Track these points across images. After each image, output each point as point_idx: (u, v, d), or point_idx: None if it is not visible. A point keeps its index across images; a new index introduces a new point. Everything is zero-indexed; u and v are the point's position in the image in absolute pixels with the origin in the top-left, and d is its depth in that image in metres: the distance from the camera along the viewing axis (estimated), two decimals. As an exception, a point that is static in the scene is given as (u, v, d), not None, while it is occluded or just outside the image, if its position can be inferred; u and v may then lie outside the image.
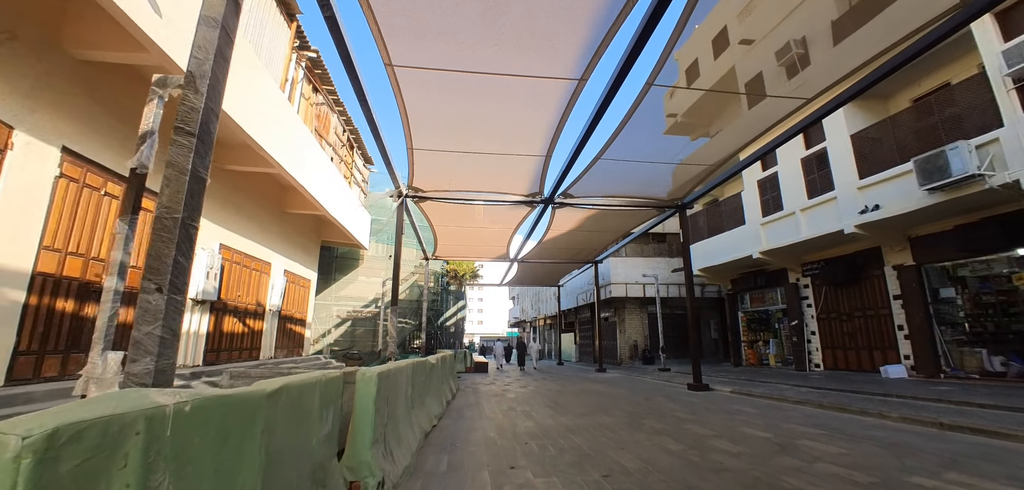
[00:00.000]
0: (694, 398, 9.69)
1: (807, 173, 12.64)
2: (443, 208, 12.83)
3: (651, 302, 22.71)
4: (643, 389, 11.69)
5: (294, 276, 13.91)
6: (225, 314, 10.01)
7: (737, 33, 16.42)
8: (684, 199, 12.48)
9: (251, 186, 11.01)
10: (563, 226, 14.42)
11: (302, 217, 14.12)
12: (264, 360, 11.45)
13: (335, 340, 19.11)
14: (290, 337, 13.84)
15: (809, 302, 13.79)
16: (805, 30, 10.65)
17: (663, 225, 22.57)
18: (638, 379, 14.92)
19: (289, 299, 13.66)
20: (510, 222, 13.99)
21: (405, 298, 20.96)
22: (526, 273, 23.78)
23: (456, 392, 10.78)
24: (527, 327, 46.69)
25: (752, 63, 11.99)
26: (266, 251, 11.94)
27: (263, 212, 11.71)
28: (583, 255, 19.28)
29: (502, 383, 13.79)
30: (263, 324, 11.86)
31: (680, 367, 18.15)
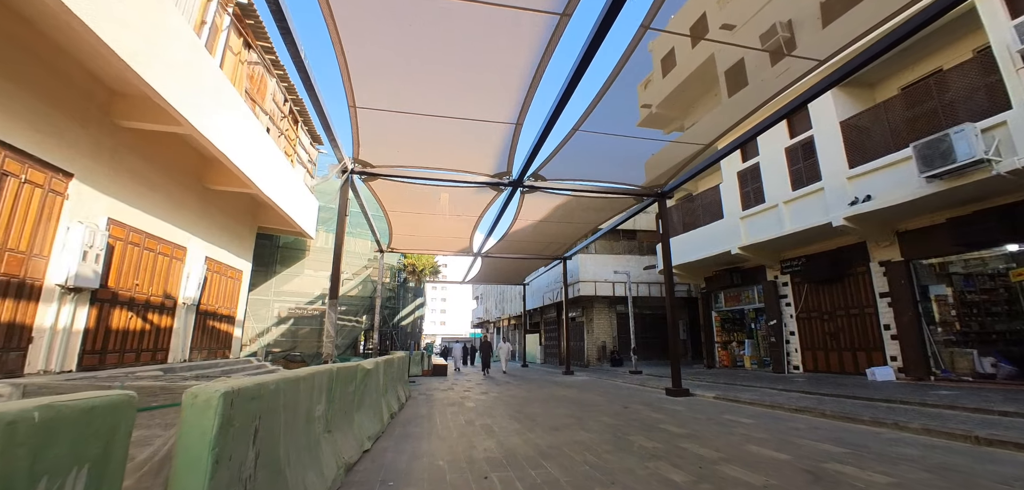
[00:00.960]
0: (677, 405, 8.59)
1: (792, 163, 11.93)
2: (398, 191, 11.26)
3: (621, 301, 21.84)
4: (618, 395, 10.54)
5: (219, 265, 11.92)
6: (114, 307, 8.05)
7: (717, 19, 15.46)
8: (665, 187, 11.46)
9: (158, 151, 9.06)
10: (532, 215, 13.13)
11: (230, 196, 12.14)
12: (173, 364, 9.49)
13: (275, 340, 17.03)
14: (214, 336, 11.83)
15: (788, 301, 13.13)
16: (792, 13, 9.79)
17: (634, 221, 21.76)
18: (610, 382, 13.81)
19: (212, 291, 11.66)
20: (474, 210, 12.55)
21: (357, 294, 19.09)
22: (491, 270, 22.39)
23: (406, 401, 9.24)
24: (491, 327, 45.29)
25: (733, 49, 11.09)
26: (179, 232, 9.97)
27: (175, 185, 9.75)
28: (551, 250, 18.10)
29: (461, 388, 12.32)
30: (173, 320, 9.88)
31: (652, 369, 17.25)
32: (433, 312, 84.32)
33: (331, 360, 8.78)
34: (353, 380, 4.84)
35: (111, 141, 7.86)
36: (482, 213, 12.76)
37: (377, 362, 6.19)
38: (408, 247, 17.06)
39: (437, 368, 17.84)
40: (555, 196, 11.83)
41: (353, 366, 4.91)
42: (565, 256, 18.97)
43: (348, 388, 4.63)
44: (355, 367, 4.99)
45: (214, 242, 11.57)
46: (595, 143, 9.74)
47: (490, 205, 12.15)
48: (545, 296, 25.89)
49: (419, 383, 14.08)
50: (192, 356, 10.69)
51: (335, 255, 9.32)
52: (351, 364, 4.89)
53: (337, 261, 9.27)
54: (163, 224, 9.40)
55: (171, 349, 9.81)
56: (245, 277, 13.61)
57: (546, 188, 10.84)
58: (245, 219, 13.48)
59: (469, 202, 12.01)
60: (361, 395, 5.14)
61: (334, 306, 8.96)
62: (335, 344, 18.20)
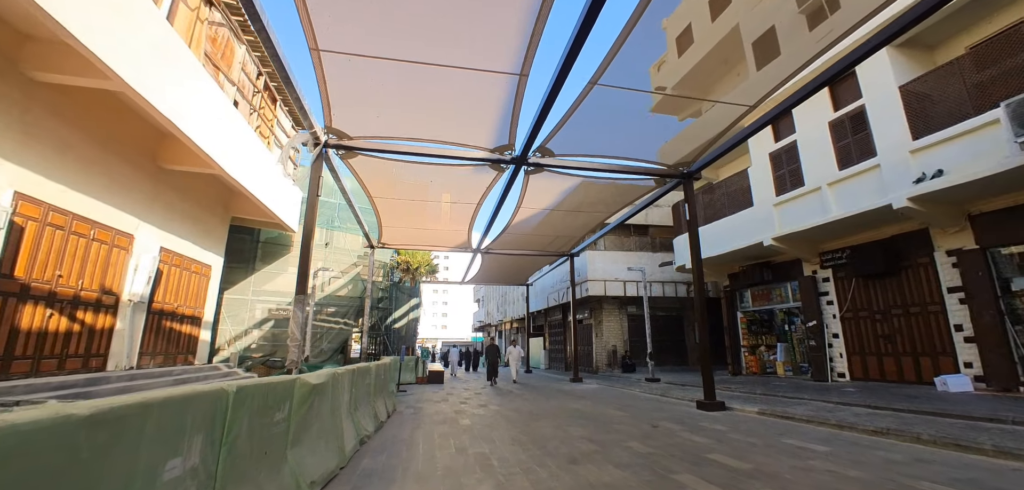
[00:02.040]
0: (717, 424, 7.01)
1: (838, 138, 10.34)
2: (383, 172, 9.75)
3: (633, 302, 20.24)
4: (640, 408, 8.95)
5: (179, 258, 10.40)
6: (23, 302, 6.52)
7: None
8: (691, 167, 9.91)
9: (90, 116, 7.56)
10: (537, 202, 11.58)
11: (193, 180, 10.64)
12: (110, 373, 7.96)
13: (255, 344, 15.50)
14: (173, 339, 10.30)
15: (830, 298, 11.51)
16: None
17: (645, 215, 20.21)
18: (625, 392, 12.22)
19: (170, 288, 10.14)
20: (471, 195, 11.02)
21: (346, 295, 17.56)
22: (492, 269, 20.83)
23: (387, 418, 7.68)
24: (493, 330, 43.69)
25: (761, 17, 9.56)
26: (123, 216, 8.46)
27: (118, 160, 8.25)
28: (557, 246, 16.54)
29: (457, 399, 10.75)
30: (115, 320, 8.35)
31: (669, 376, 15.64)
32: (433, 316, 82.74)
33: (298, 369, 7.24)
34: (284, 402, 3.29)
35: (21, 97, 6.36)
36: (481, 200, 11.22)
37: (336, 373, 4.63)
38: (401, 242, 15.52)
39: (433, 375, 16.28)
40: (563, 178, 10.29)
41: (285, 381, 3.36)
42: (572, 253, 17.40)
43: (273, 417, 3.08)
44: (290, 382, 3.45)
45: (173, 231, 10.07)
46: (611, 112, 8.25)
47: (490, 189, 10.62)
48: (550, 297, 24.30)
49: (410, 392, 12.52)
50: (142, 362, 9.16)
51: (303, 244, 7.79)
52: (283, 379, 3.34)
53: (305, 251, 7.73)
54: (100, 205, 7.89)
55: (111, 354, 8.28)
56: (215, 273, 12.10)
57: (554, 167, 9.30)
58: (214, 208, 11.97)
59: (466, 186, 10.48)
60: (302, 422, 3.59)
61: (302, 303, 7.43)
62: (321, 349, 16.72)
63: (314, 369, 8.04)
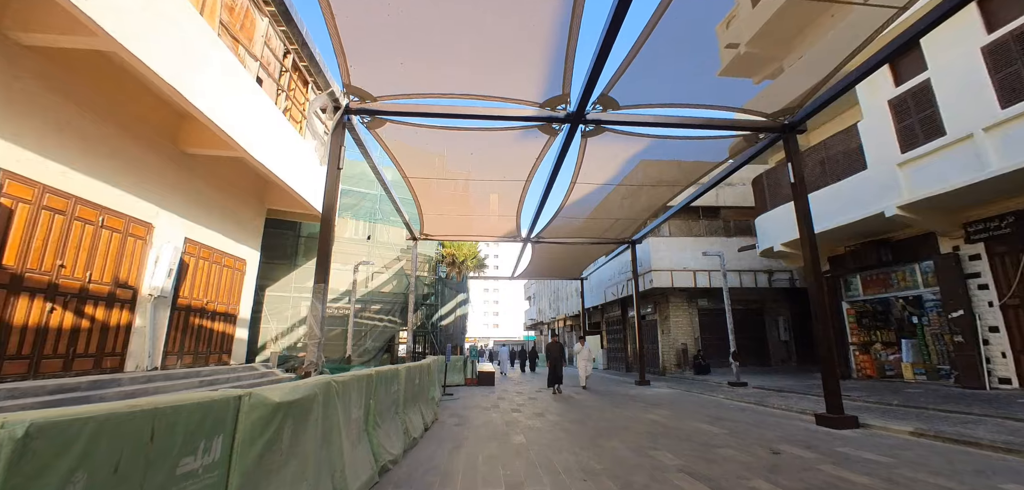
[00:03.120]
0: (866, 450, 5.04)
1: (996, 68, 7.83)
2: (416, 146, 8.49)
3: (704, 293, 17.90)
4: (738, 422, 7.04)
5: (208, 250, 9.68)
6: (15, 295, 5.75)
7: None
8: (794, 117, 7.85)
9: (88, 87, 6.79)
10: (595, 175, 9.87)
11: (222, 168, 9.92)
12: (123, 375, 7.18)
13: (300, 342, 14.89)
14: (203, 338, 9.60)
15: (983, 281, 8.91)
16: None
17: (715, 194, 17.84)
18: (709, 400, 10.23)
19: (199, 282, 9.43)
20: (519, 170, 9.51)
21: (391, 291, 16.65)
22: (543, 262, 19.24)
23: (426, 429, 6.34)
24: (545, 329, 42.09)
25: None
26: (139, 203, 7.71)
27: (130, 141, 7.50)
28: (616, 231, 14.68)
29: (509, 406, 9.28)
30: (132, 316, 7.61)
31: (755, 379, 13.34)
32: (484, 315, 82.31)
33: (315, 371, 6.05)
34: (212, 435, 1.92)
35: (5, 63, 5.59)
36: (530, 175, 9.68)
37: (334, 383, 3.26)
38: (444, 233, 14.32)
39: (483, 376, 14.97)
40: (627, 142, 8.54)
41: (209, 403, 1.99)
42: (633, 239, 15.46)
43: (176, 467, 1.71)
44: (224, 403, 2.08)
45: (200, 221, 9.34)
46: (690, 48, 6.56)
47: (540, 161, 9.06)
48: (607, 291, 22.33)
49: (457, 396, 11.22)
50: (167, 362, 8.43)
51: (323, 225, 6.62)
52: (205, 399, 1.97)
53: (325, 233, 6.55)
54: (111, 189, 7.13)
55: (130, 354, 7.54)
56: (250, 267, 11.40)
57: (617, 124, 7.59)
58: (247, 199, 11.27)
59: (512, 159, 8.99)
60: (260, 465, 2.22)
61: (320, 294, 6.24)
62: (365, 348, 15.90)
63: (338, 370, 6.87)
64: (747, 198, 18.31)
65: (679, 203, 13.26)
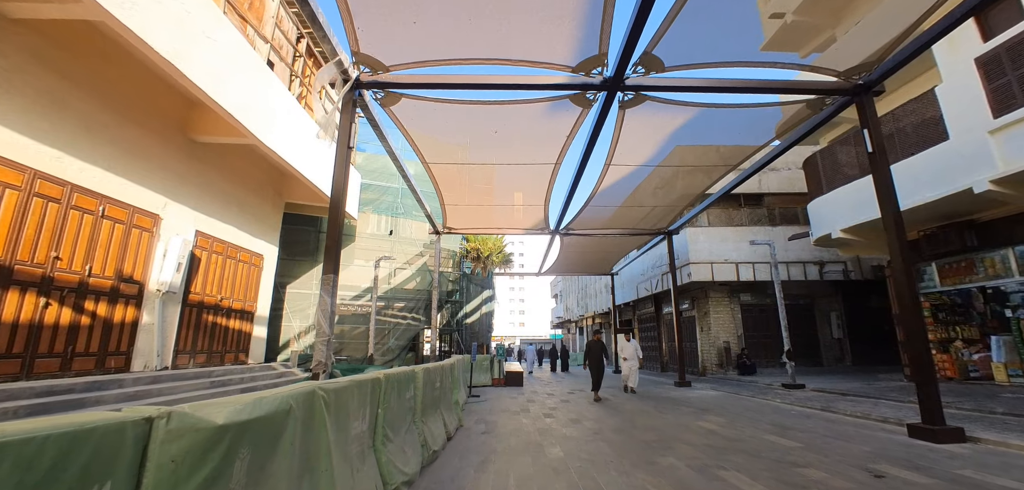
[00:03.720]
0: (994, 474, 3.99)
1: None
2: (434, 124, 7.77)
3: (747, 288, 16.61)
4: (811, 432, 5.99)
5: (222, 244, 9.23)
6: (4, 289, 5.29)
7: None
8: (870, 75, 6.72)
9: (86, 68, 6.33)
10: (632, 155, 8.93)
11: (235, 158, 9.46)
12: (127, 375, 6.71)
13: (321, 342, 14.46)
14: (218, 336, 9.16)
15: (1101, 267, 7.54)
16: None
17: (758, 181, 16.51)
18: (765, 404, 9.14)
19: (213, 278, 8.99)
20: (547, 151, 8.67)
21: (415, 287, 16.07)
22: (572, 257, 18.33)
23: (449, 438, 5.59)
24: (572, 327, 41.07)
25: None
26: (143, 193, 7.26)
27: (134, 127, 7.04)
28: (651, 221, 13.66)
29: (539, 410, 8.44)
30: (138, 312, 7.16)
31: (811, 381, 12.07)
32: (510, 314, 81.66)
33: (324, 373, 5.39)
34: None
35: (-7, 40, 5.14)
36: (560, 156, 8.81)
37: (340, 388, 2.51)
38: (468, 226, 13.62)
39: (511, 376, 14.18)
40: (670, 115, 7.59)
41: (80, 427, 1.26)
42: (669, 230, 14.38)
43: None
44: (106, 429, 1.35)
45: (213, 214, 8.90)
46: None
47: (571, 139, 8.19)
48: (639, 287, 21.19)
49: (484, 398, 10.47)
50: (178, 362, 7.98)
51: (331, 211, 5.97)
52: (75, 423, 1.24)
53: (334, 219, 5.89)
54: (113, 178, 6.68)
55: (137, 352, 7.09)
56: (268, 263, 10.96)
57: (661, 90, 6.66)
58: (264, 192, 10.82)
59: (540, 137, 8.15)
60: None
61: (330, 286, 5.58)
62: (388, 347, 15.35)
63: (353, 371, 6.21)
64: (793, 183, 16.91)
65: (719, 190, 12.16)
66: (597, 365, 10.39)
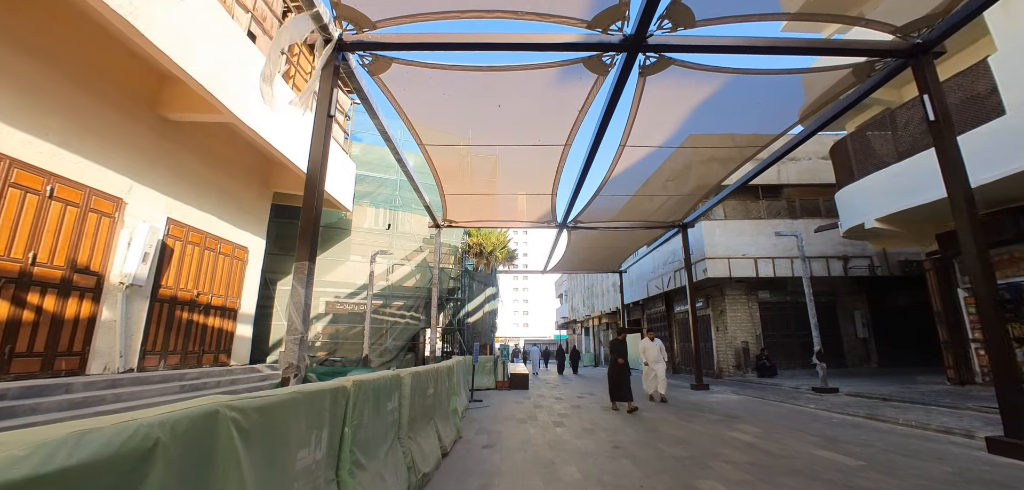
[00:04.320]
0: None
1: None
2: (430, 96, 6.94)
3: (766, 284, 15.69)
4: (867, 445, 5.09)
5: (199, 234, 8.44)
6: (-82, 279, 4.51)
7: None
8: (931, 32, 5.83)
9: (40, 28, 5.54)
10: (654, 131, 8.04)
11: (217, 141, 8.67)
12: (95, 376, 5.90)
13: (313, 340, 13.66)
14: (195, 335, 8.36)
15: None
16: None
17: (777, 171, 15.60)
18: (798, 410, 8.25)
19: (189, 271, 8.19)
20: (556, 130, 7.82)
21: (414, 285, 15.25)
22: (580, 252, 17.44)
23: (444, 454, 4.74)
24: (578, 328, 40.19)
25: None
26: (104, 173, 6.46)
27: (91, 99, 6.25)
28: (664, 213, 12.77)
29: (547, 417, 7.57)
30: (96, 307, 6.36)
31: (841, 384, 11.13)
32: (514, 314, 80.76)
33: (295, 377, 4.56)
34: None
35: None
36: (570, 135, 7.95)
37: (269, 406, 1.68)
38: (469, 218, 12.78)
39: (516, 379, 13.33)
40: (696, 82, 6.71)
41: None
42: (684, 222, 13.49)
43: None
44: None
45: (189, 201, 8.10)
46: None
47: (582, 118, 7.34)
48: (650, 285, 20.29)
49: (487, 402, 9.64)
50: (146, 363, 7.17)
51: (307, 189, 5.16)
52: None
53: (309, 198, 5.08)
54: (65, 154, 5.88)
55: (96, 352, 6.29)
56: (254, 257, 10.16)
57: (690, 51, 5.80)
58: (249, 179, 10.03)
59: (548, 111, 7.30)
60: None
61: (304, 276, 4.76)
62: (385, 348, 14.53)
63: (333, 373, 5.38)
64: (815, 174, 15.99)
65: (737, 180, 11.28)
66: (622, 369, 8.47)
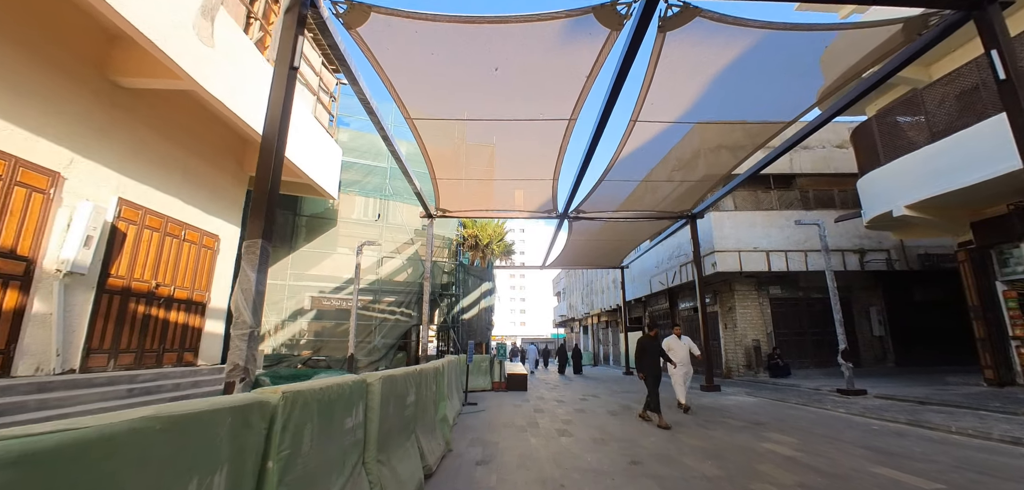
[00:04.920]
0: None
1: None
2: (416, 51, 6.08)
3: (778, 279, 14.89)
4: (930, 463, 4.24)
5: (158, 218, 7.52)
6: None
7: None
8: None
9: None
10: (670, 102, 7.19)
11: (181, 114, 7.76)
12: (24, 377, 5.00)
13: (298, 338, 12.76)
14: (156, 332, 7.44)
15: None
16: None
17: (789, 161, 14.80)
18: (828, 415, 7.44)
19: (145, 259, 7.28)
20: (559, 100, 6.97)
21: (405, 279, 14.35)
22: (580, 245, 16.58)
23: (432, 473, 3.87)
24: (576, 326, 39.40)
25: None
26: (38, 143, 5.54)
27: (25, 56, 5.34)
28: (673, 201, 11.93)
29: (551, 424, 6.71)
30: (27, 299, 5.45)
31: (868, 385, 10.33)
32: (511, 312, 79.86)
33: (243, 384, 3.69)
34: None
35: None
36: (576, 107, 7.09)
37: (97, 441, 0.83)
38: (464, 207, 11.90)
39: (514, 379, 12.48)
40: (724, 40, 5.87)
41: None
42: (693, 212, 12.68)
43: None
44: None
45: (145, 180, 7.19)
46: None
47: (591, 84, 6.49)
48: (653, 280, 19.46)
49: (483, 404, 8.79)
50: (90, 363, 6.26)
51: (263, 151, 4.31)
52: None
53: (265, 160, 4.22)
54: (-17, 118, 4.98)
55: (25, 351, 5.38)
56: (227, 246, 9.25)
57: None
58: (221, 160, 9.11)
59: (551, 76, 6.45)
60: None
61: (254, 256, 3.90)
62: (373, 346, 13.64)
63: (296, 377, 4.52)
64: (829, 163, 15.20)
65: (749, 168, 10.48)
66: (652, 370, 7.08)
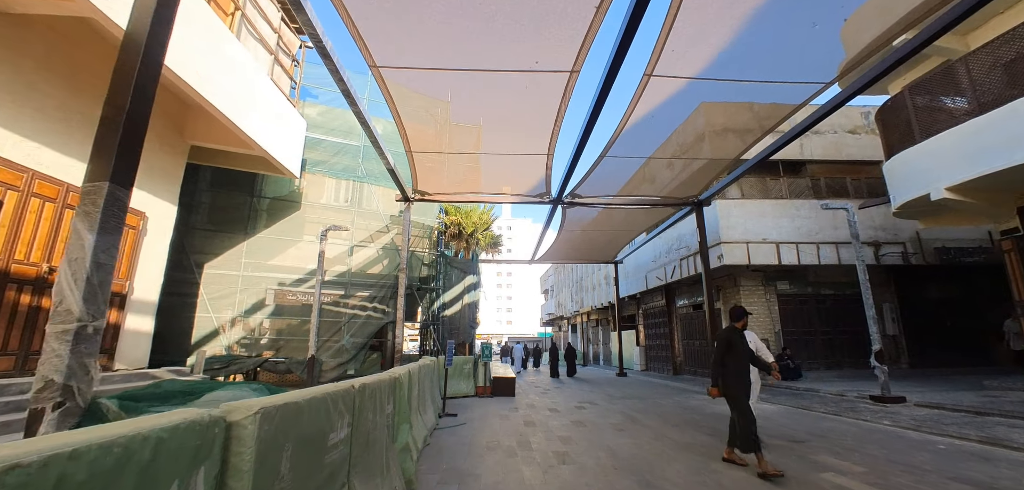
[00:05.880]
0: None
1: None
2: None
3: (787, 274, 13.83)
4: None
5: (54, 186, 5.98)
6: None
7: None
8: None
9: None
10: (696, 48, 5.90)
11: (84, 49, 6.22)
12: None
13: (256, 337, 11.20)
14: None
15: None
16: None
17: (800, 146, 13.75)
18: (867, 427, 6.27)
19: (32, 237, 5.74)
20: (558, 44, 5.63)
21: (380, 272, 12.88)
22: (573, 238, 15.30)
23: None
24: (565, 324, 38.24)
25: None
26: None
27: None
28: (676, 185, 10.73)
29: (545, 437, 5.36)
30: None
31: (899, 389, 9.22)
32: (497, 311, 78.42)
33: (67, 413, 2.25)
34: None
35: None
36: (579, 57, 5.75)
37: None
38: (446, 190, 10.51)
39: (500, 384, 11.15)
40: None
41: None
42: (699, 199, 11.51)
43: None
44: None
45: (34, 136, 5.66)
46: None
47: (599, 22, 5.16)
48: (649, 276, 18.30)
49: (463, 413, 7.41)
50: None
51: (123, 54, 2.86)
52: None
53: (126, 71, 2.79)
54: None
55: None
56: (156, 226, 7.70)
57: None
58: (154, 123, 7.55)
59: (546, 19, 5.11)
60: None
61: (95, 209, 2.51)
62: (341, 346, 12.14)
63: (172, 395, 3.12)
64: (840, 149, 14.20)
65: (761, 151, 9.33)
66: (746, 386, 4.91)
